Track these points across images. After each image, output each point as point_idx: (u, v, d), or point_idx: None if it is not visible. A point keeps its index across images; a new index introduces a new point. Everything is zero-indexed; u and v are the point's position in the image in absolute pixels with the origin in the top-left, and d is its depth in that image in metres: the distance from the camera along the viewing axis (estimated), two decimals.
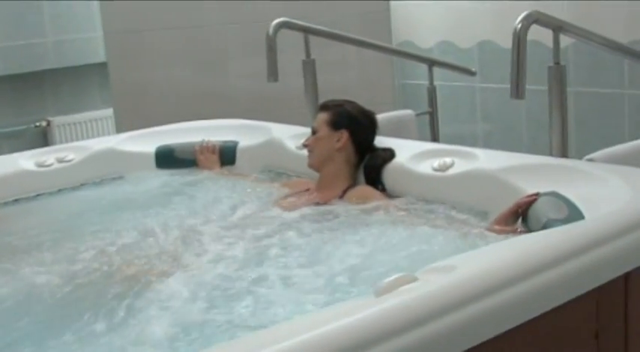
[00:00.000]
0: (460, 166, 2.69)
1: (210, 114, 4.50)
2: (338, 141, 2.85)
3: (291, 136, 3.34)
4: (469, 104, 4.82)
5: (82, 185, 3.41)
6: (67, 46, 5.40)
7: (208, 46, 4.60)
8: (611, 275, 1.81)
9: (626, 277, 1.85)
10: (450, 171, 2.69)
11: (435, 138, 3.83)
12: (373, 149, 2.91)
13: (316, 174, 2.92)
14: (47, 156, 3.43)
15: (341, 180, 2.85)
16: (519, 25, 2.46)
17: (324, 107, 2.93)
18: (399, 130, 3.75)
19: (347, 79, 4.50)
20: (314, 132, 2.91)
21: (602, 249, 1.79)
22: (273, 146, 3.39)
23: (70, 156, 3.44)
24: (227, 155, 3.49)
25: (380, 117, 3.72)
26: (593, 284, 1.78)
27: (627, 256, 1.85)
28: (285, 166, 3.31)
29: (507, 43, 4.58)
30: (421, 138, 3.95)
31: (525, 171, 2.51)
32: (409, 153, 2.86)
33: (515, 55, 2.44)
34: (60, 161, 3.41)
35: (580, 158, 2.65)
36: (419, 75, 4.82)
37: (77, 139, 5.40)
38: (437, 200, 2.69)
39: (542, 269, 1.68)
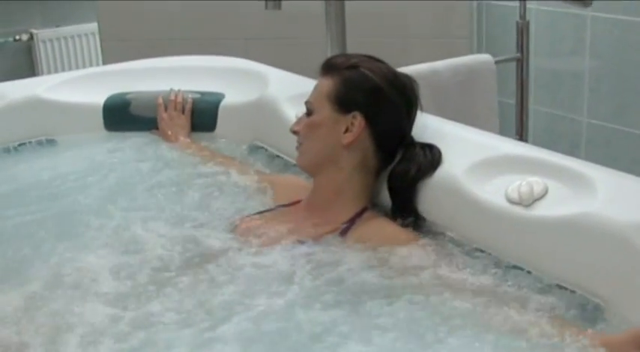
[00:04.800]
0: (557, 200, 1.46)
1: (211, 33, 3.36)
2: (347, 130, 1.65)
3: (294, 97, 2.13)
4: (575, 37, 3.52)
5: None
6: None
7: None
8: None
9: None
10: (538, 208, 1.47)
11: (521, 101, 2.58)
12: (407, 145, 1.69)
13: None
14: None
15: (347, 200, 1.66)
16: None
17: (327, 68, 1.71)
18: (471, 85, 2.53)
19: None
20: (309, 113, 1.70)
21: None
22: (266, 109, 2.21)
23: None
24: (204, 115, 2.34)
25: (442, 65, 2.52)
26: None
27: None
28: (281, 145, 2.13)
29: None
30: (502, 95, 2.71)
31: None
32: (469, 159, 1.63)
33: None
34: None
35: None
36: None
37: (66, 59, 4.28)
38: (512, 256, 1.49)
39: None
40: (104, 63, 3.60)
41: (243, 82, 2.38)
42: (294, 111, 2.06)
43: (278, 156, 2.13)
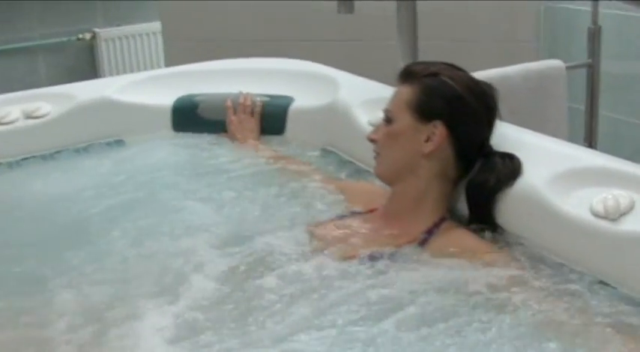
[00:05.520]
0: None
1: (277, 34, 3.33)
2: (428, 140, 1.63)
3: (366, 102, 2.13)
4: None
5: (57, 152, 2.32)
6: None
7: None
8: None
9: None
10: (626, 223, 1.44)
11: (591, 108, 2.54)
12: (487, 154, 1.67)
13: None
14: (10, 107, 2.33)
15: (426, 210, 1.64)
16: None
17: (406, 75, 1.69)
18: (541, 91, 2.50)
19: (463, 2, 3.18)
20: (388, 121, 1.69)
21: None
22: (337, 113, 2.20)
23: (44, 109, 2.34)
24: (273, 119, 2.33)
25: (512, 70, 2.49)
26: None
27: None
28: (353, 151, 2.12)
29: None
30: (572, 100, 2.67)
31: None
32: (550, 169, 1.61)
33: None
34: (28, 116, 2.32)
35: None
36: None
37: (127, 58, 4.31)
38: (597, 271, 1.46)
39: None
40: (166, 62, 3.61)
41: (312, 85, 2.37)
42: (366, 117, 2.06)
43: (350, 162, 2.11)
